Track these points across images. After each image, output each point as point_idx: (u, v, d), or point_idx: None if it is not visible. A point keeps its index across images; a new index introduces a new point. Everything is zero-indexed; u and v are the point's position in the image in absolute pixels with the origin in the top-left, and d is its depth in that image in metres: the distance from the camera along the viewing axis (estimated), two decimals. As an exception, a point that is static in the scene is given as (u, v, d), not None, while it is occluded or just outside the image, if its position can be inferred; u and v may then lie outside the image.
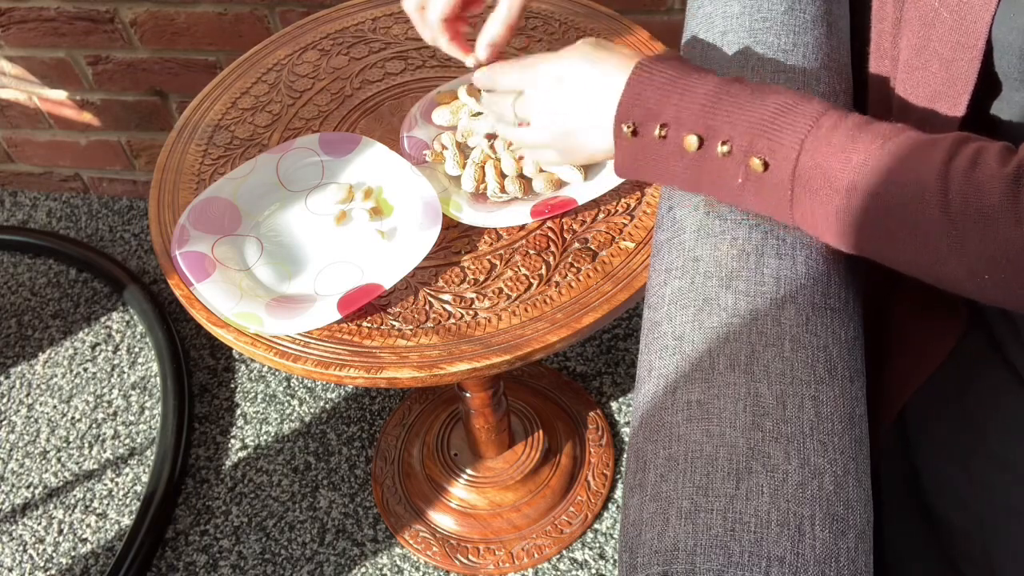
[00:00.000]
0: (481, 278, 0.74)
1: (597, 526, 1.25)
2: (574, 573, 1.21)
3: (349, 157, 0.82)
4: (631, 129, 0.57)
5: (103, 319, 1.56)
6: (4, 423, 1.44)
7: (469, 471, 1.26)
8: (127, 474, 1.36)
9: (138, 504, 1.32)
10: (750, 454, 0.47)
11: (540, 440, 1.27)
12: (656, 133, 0.55)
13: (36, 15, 1.42)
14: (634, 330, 1.45)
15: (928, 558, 0.59)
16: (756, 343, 0.51)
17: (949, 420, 0.57)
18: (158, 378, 1.45)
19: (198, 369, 1.47)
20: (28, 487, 1.36)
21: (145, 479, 1.35)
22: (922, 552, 0.59)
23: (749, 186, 0.53)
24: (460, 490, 1.25)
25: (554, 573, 1.21)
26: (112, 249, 1.65)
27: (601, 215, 0.78)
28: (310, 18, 1.01)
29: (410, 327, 0.71)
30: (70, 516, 1.32)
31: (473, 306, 0.72)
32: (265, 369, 1.46)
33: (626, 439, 1.33)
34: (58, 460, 1.38)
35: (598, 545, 1.23)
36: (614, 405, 1.37)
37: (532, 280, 0.74)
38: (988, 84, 0.51)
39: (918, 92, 0.54)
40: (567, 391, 1.37)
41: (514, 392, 1.33)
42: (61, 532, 1.31)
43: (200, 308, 0.72)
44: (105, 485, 1.35)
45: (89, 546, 1.29)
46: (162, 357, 1.44)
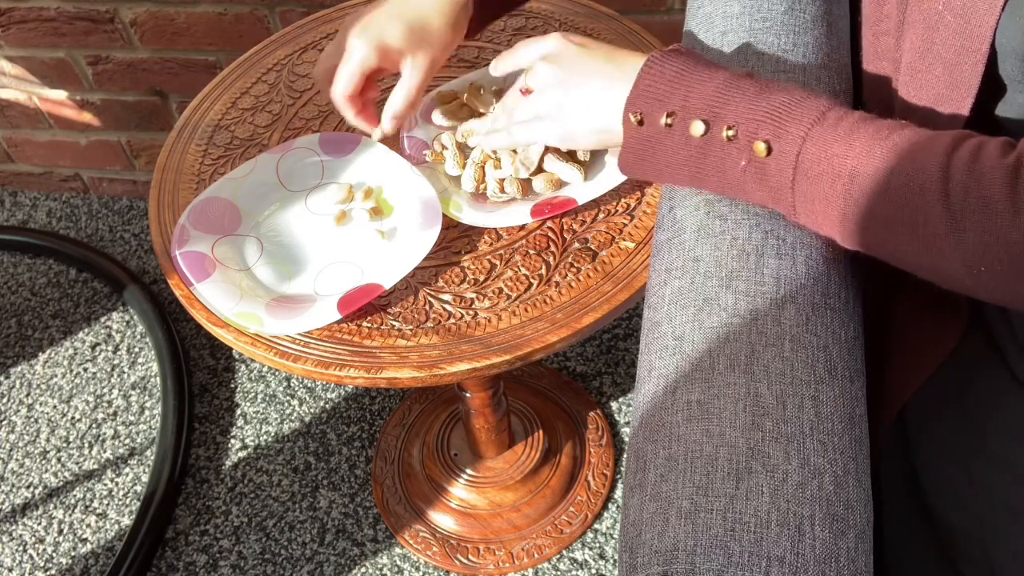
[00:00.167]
0: (481, 278, 0.74)
1: (597, 526, 1.25)
2: (574, 573, 1.21)
3: (349, 157, 0.82)
4: (638, 119, 0.57)
5: (103, 319, 1.56)
6: (4, 423, 1.44)
7: (469, 471, 1.26)
8: (127, 474, 1.36)
9: (138, 504, 1.32)
10: (750, 454, 0.47)
11: (540, 440, 1.27)
12: (663, 122, 0.56)
13: (36, 15, 1.42)
14: (634, 330, 1.45)
15: (928, 558, 0.59)
16: (756, 343, 0.51)
17: (949, 420, 0.57)
18: (158, 378, 1.45)
19: (198, 369, 1.47)
20: (28, 487, 1.36)
21: (145, 479, 1.35)
22: (922, 552, 0.59)
23: (751, 170, 0.53)
24: (460, 490, 1.25)
25: (554, 573, 1.21)
26: (112, 249, 1.65)
27: (601, 215, 0.78)
28: (310, 18, 1.01)
29: (410, 327, 0.71)
30: (70, 516, 1.32)
31: (473, 306, 0.72)
32: (265, 369, 1.46)
33: (626, 439, 1.33)
34: (58, 460, 1.39)
35: (598, 545, 1.23)
36: (614, 405, 1.37)
37: (532, 280, 0.74)
38: (992, 87, 0.51)
39: (921, 95, 0.55)
40: (567, 391, 1.37)
41: (514, 392, 1.33)
42: (61, 532, 1.31)
43: (200, 308, 0.72)
44: (105, 485, 1.35)
45: (89, 546, 1.29)
46: (162, 357, 1.44)
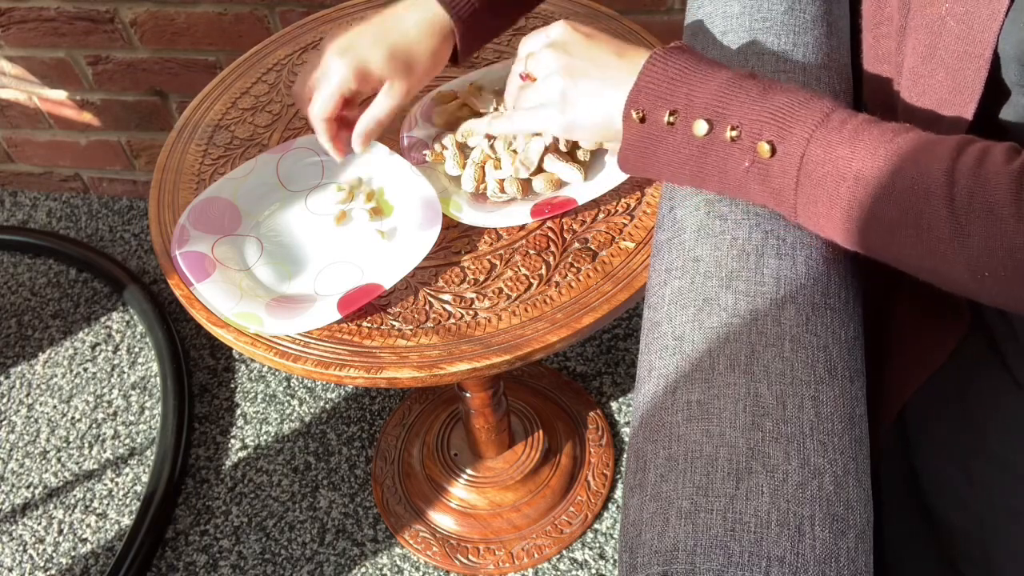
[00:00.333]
0: (481, 278, 0.74)
1: (597, 526, 1.25)
2: (574, 573, 1.21)
3: (349, 157, 0.82)
4: (640, 116, 0.57)
5: (103, 319, 1.56)
6: (4, 423, 1.44)
7: (469, 471, 1.26)
8: (127, 474, 1.36)
9: (138, 504, 1.32)
10: (750, 454, 0.47)
11: (540, 440, 1.27)
12: (665, 120, 0.56)
13: (36, 15, 1.42)
14: (634, 330, 1.45)
15: (928, 558, 0.59)
16: (756, 343, 0.51)
17: (949, 420, 0.57)
18: (158, 378, 1.45)
19: (198, 369, 1.47)
20: (28, 487, 1.36)
21: (145, 479, 1.35)
22: (922, 552, 0.59)
23: (754, 171, 0.53)
24: (460, 490, 1.25)
25: (554, 573, 1.21)
26: (112, 249, 1.65)
27: (601, 215, 0.78)
28: (310, 18, 1.01)
29: (410, 327, 0.71)
30: (70, 516, 1.32)
31: (473, 306, 0.72)
32: (265, 369, 1.46)
33: (626, 439, 1.33)
34: (58, 460, 1.39)
35: (598, 545, 1.23)
36: (614, 405, 1.37)
37: (532, 280, 0.74)
38: (994, 92, 0.51)
39: (924, 99, 0.54)
40: (567, 391, 1.37)
41: (514, 392, 1.33)
42: (61, 532, 1.31)
43: (200, 308, 0.72)
44: (105, 485, 1.35)
45: (89, 546, 1.29)
46: (162, 357, 1.44)
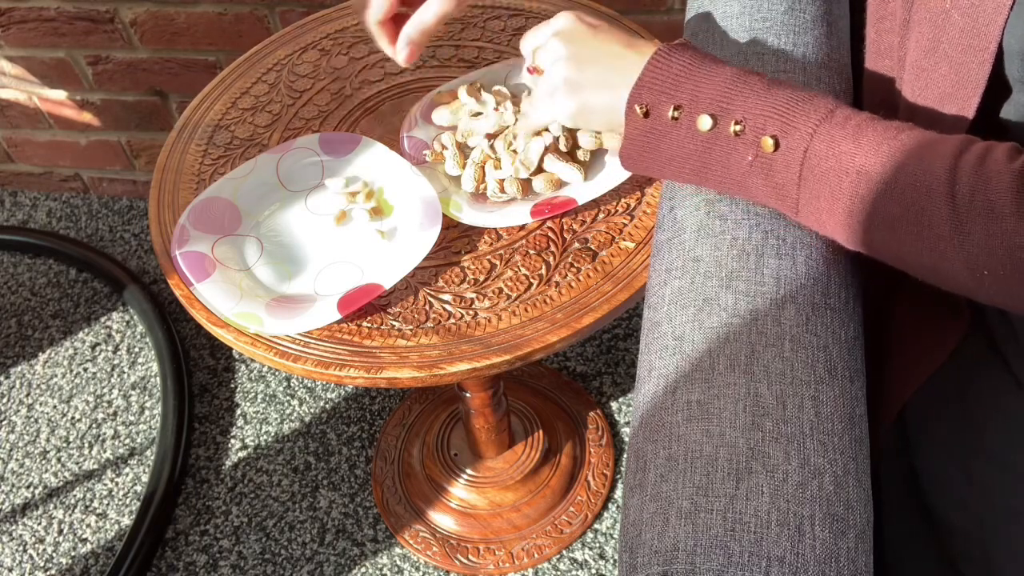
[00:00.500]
0: (481, 278, 0.74)
1: (597, 526, 1.25)
2: (574, 573, 1.21)
3: (349, 157, 0.82)
4: (644, 111, 0.57)
5: (103, 319, 1.56)
6: (4, 423, 1.44)
7: (469, 471, 1.26)
8: (127, 474, 1.36)
9: (138, 504, 1.32)
10: (750, 454, 0.47)
11: (540, 440, 1.27)
12: (669, 115, 0.56)
13: (36, 15, 1.42)
14: (634, 330, 1.45)
15: (928, 558, 0.59)
16: (756, 343, 0.51)
17: (949, 420, 0.57)
18: (158, 378, 1.45)
19: (198, 369, 1.47)
20: (28, 487, 1.36)
21: (145, 479, 1.35)
22: (922, 552, 0.59)
23: (757, 166, 0.53)
24: (460, 490, 1.25)
25: (554, 573, 1.21)
26: (112, 249, 1.65)
27: (601, 215, 0.78)
28: (310, 18, 1.01)
29: (410, 327, 0.71)
30: (70, 516, 1.32)
31: (473, 306, 0.72)
32: (265, 369, 1.46)
33: (626, 439, 1.33)
34: (58, 460, 1.39)
35: (598, 545, 1.23)
36: (614, 405, 1.37)
37: (532, 280, 0.74)
38: (996, 88, 0.51)
39: (926, 93, 0.54)
40: (567, 391, 1.37)
41: (514, 392, 1.33)
42: (61, 532, 1.31)
43: (200, 308, 0.72)
44: (105, 485, 1.35)
45: (89, 546, 1.29)
46: (162, 357, 1.44)
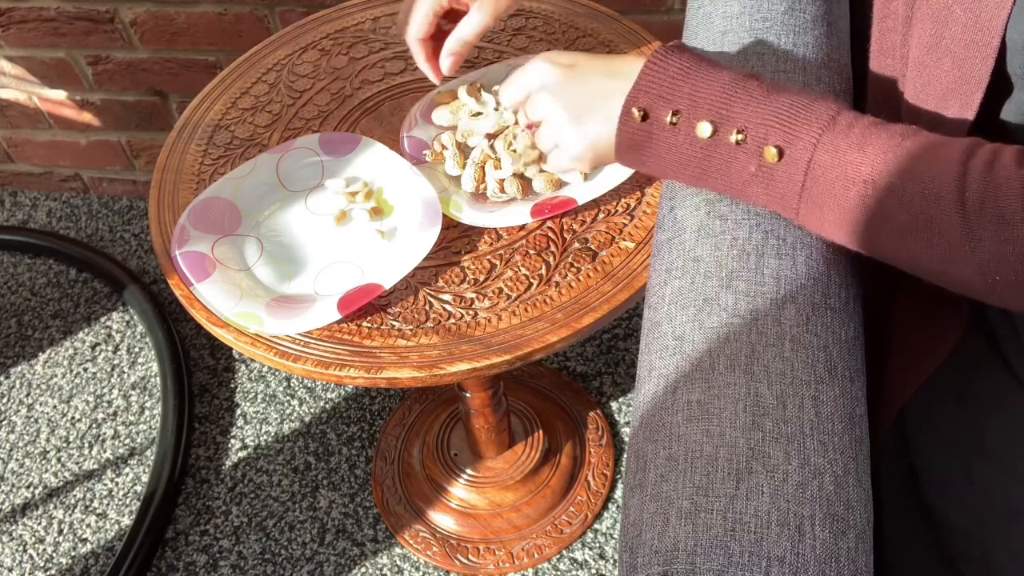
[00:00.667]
0: (481, 278, 0.74)
1: (597, 526, 1.25)
2: (574, 573, 1.21)
3: (349, 157, 0.82)
4: (641, 114, 0.56)
5: (103, 319, 1.56)
6: (4, 423, 1.44)
7: (469, 471, 1.26)
8: (127, 474, 1.36)
9: (138, 504, 1.32)
10: (750, 454, 0.47)
11: (540, 440, 1.27)
12: (668, 119, 0.55)
13: (36, 15, 1.42)
14: (634, 330, 1.45)
15: (928, 558, 0.59)
16: (756, 343, 0.51)
17: (949, 420, 0.57)
18: (158, 378, 1.45)
19: (198, 369, 1.47)
20: (28, 487, 1.36)
21: (145, 479, 1.35)
22: (922, 552, 0.59)
23: (760, 176, 0.53)
24: (460, 490, 1.25)
25: (554, 573, 1.21)
26: (112, 249, 1.65)
27: (601, 215, 0.78)
28: (310, 18, 1.01)
29: (410, 327, 0.71)
30: (70, 516, 1.32)
31: (473, 306, 0.72)
32: (265, 369, 1.46)
33: (626, 439, 1.33)
34: (58, 460, 1.39)
35: (598, 545, 1.23)
36: (614, 405, 1.37)
37: (532, 280, 0.74)
38: (998, 84, 0.51)
39: (928, 89, 0.54)
40: (567, 391, 1.37)
41: (514, 392, 1.33)
42: (61, 532, 1.31)
43: (200, 308, 0.72)
44: (105, 485, 1.35)
45: (89, 546, 1.29)
46: (162, 357, 1.44)
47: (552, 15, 0.96)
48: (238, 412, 1.41)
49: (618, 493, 1.27)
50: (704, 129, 0.54)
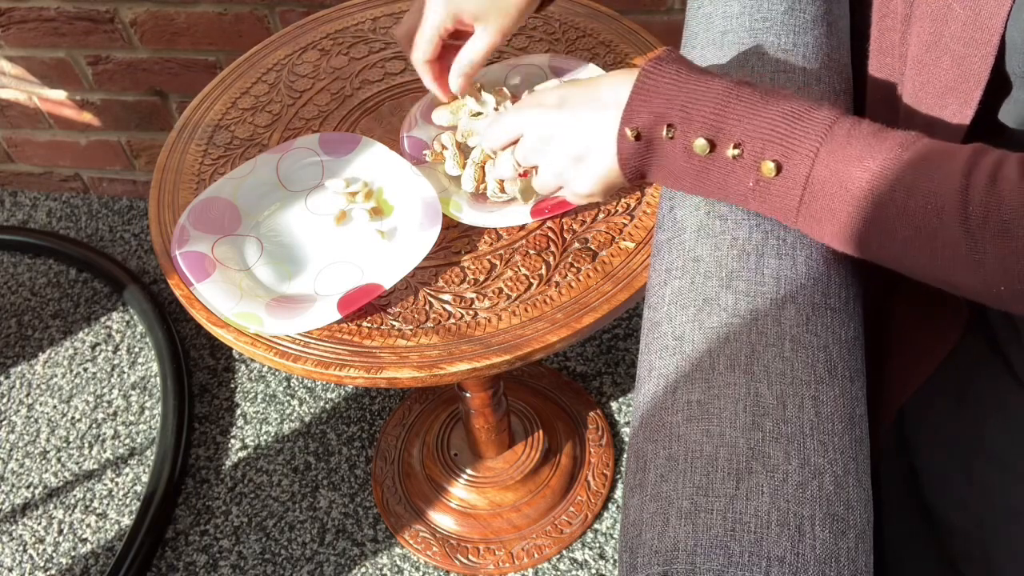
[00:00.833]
0: (481, 278, 0.74)
1: (597, 526, 1.25)
2: (574, 573, 1.21)
3: (349, 157, 0.82)
4: (635, 133, 0.56)
5: (103, 319, 1.56)
6: (4, 423, 1.44)
7: (469, 471, 1.26)
8: (127, 474, 1.36)
9: (138, 504, 1.32)
10: (750, 454, 0.47)
11: (540, 440, 1.27)
12: (664, 134, 0.55)
13: (36, 15, 1.42)
14: (634, 330, 1.45)
15: (928, 558, 0.59)
16: (756, 343, 0.51)
17: (949, 421, 0.57)
18: (158, 378, 1.45)
19: (198, 369, 1.47)
20: (28, 487, 1.36)
21: (145, 479, 1.35)
22: (922, 552, 0.59)
23: (758, 190, 0.53)
24: (460, 490, 1.25)
25: (554, 573, 1.21)
26: (112, 249, 1.65)
27: (601, 215, 0.78)
28: (310, 18, 1.01)
29: (410, 327, 0.71)
30: (70, 516, 1.32)
31: (473, 306, 0.72)
32: (265, 369, 1.46)
33: (626, 439, 1.33)
34: (58, 460, 1.39)
35: (598, 545, 1.23)
36: (614, 405, 1.37)
37: (532, 280, 0.74)
38: (997, 83, 0.51)
39: (927, 88, 0.54)
40: (567, 391, 1.37)
41: (514, 392, 1.33)
42: (61, 532, 1.31)
43: (200, 308, 0.72)
44: (105, 485, 1.35)
45: (89, 546, 1.29)
46: (162, 357, 1.44)
47: (552, 15, 0.96)
48: (238, 412, 1.41)
49: (618, 493, 1.27)
50: (701, 145, 0.53)
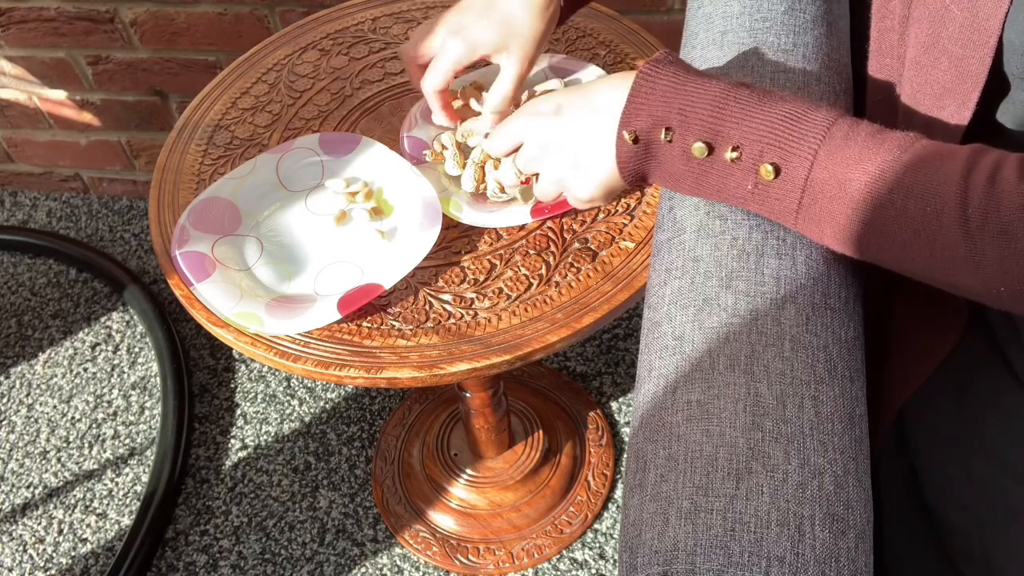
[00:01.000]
0: (481, 278, 0.74)
1: (597, 526, 1.25)
2: (574, 573, 1.21)
3: (349, 157, 0.82)
4: (633, 136, 0.56)
5: (103, 319, 1.56)
6: (4, 423, 1.44)
7: (469, 471, 1.26)
8: (127, 474, 1.36)
9: (138, 504, 1.32)
10: (750, 454, 0.47)
11: (540, 440, 1.27)
12: (662, 137, 0.55)
13: (36, 15, 1.42)
14: (634, 330, 1.45)
15: (928, 558, 0.59)
16: (756, 343, 0.51)
17: (949, 420, 0.57)
18: (158, 378, 1.45)
19: (198, 369, 1.47)
20: (28, 487, 1.36)
21: (145, 479, 1.35)
22: (922, 552, 0.59)
23: (757, 193, 0.53)
24: (460, 490, 1.25)
25: (554, 573, 1.21)
26: (112, 249, 1.65)
27: (601, 215, 0.78)
28: (310, 18, 1.01)
29: (410, 327, 0.71)
30: (70, 516, 1.32)
31: (473, 306, 0.72)
32: (265, 369, 1.46)
33: (626, 439, 1.33)
34: (58, 460, 1.39)
35: (598, 545, 1.23)
36: (614, 405, 1.37)
37: (532, 280, 0.74)
38: (995, 84, 0.51)
39: (926, 89, 0.54)
40: (567, 391, 1.37)
41: (514, 392, 1.33)
42: (61, 532, 1.31)
43: (200, 308, 0.72)
44: (105, 485, 1.35)
45: (89, 546, 1.29)
46: (162, 357, 1.44)
47: (552, 15, 0.96)
48: (238, 412, 1.41)
49: (618, 493, 1.27)
50: (700, 148, 0.53)
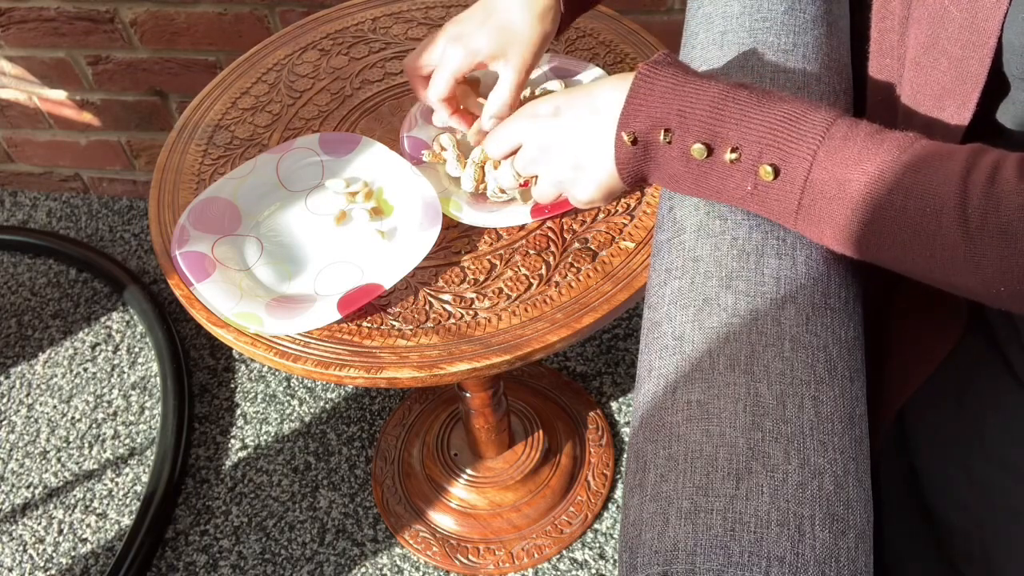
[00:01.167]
0: (481, 278, 0.74)
1: (597, 526, 1.25)
2: (574, 573, 1.21)
3: (349, 157, 0.82)
4: (631, 138, 0.56)
5: (103, 319, 1.56)
6: (4, 423, 1.44)
7: (469, 471, 1.26)
8: (127, 474, 1.36)
9: (138, 504, 1.32)
10: (750, 454, 0.47)
11: (540, 440, 1.27)
12: (661, 139, 0.55)
13: (36, 15, 1.42)
14: (634, 330, 1.45)
15: (928, 558, 0.59)
16: (756, 343, 0.51)
17: (949, 420, 0.57)
18: (158, 378, 1.45)
19: (198, 369, 1.47)
20: (28, 487, 1.36)
21: (145, 479, 1.35)
22: (922, 552, 0.59)
23: (756, 194, 0.53)
24: (460, 490, 1.25)
25: (554, 573, 1.21)
26: (112, 249, 1.65)
27: (601, 215, 0.78)
28: (310, 18, 1.01)
29: (410, 327, 0.71)
30: (70, 516, 1.32)
31: (473, 306, 0.72)
32: (265, 369, 1.46)
33: (626, 439, 1.33)
34: (58, 460, 1.39)
35: (598, 545, 1.23)
36: (614, 405, 1.37)
37: (532, 280, 0.74)
38: (995, 85, 0.51)
39: (925, 90, 0.54)
40: (567, 391, 1.37)
41: (514, 392, 1.33)
42: (61, 532, 1.31)
43: (200, 308, 0.72)
44: (105, 485, 1.35)
45: (89, 546, 1.29)
46: (162, 357, 1.44)
47: (552, 15, 0.96)
48: (238, 412, 1.41)
49: (618, 493, 1.27)
50: (699, 150, 0.53)
